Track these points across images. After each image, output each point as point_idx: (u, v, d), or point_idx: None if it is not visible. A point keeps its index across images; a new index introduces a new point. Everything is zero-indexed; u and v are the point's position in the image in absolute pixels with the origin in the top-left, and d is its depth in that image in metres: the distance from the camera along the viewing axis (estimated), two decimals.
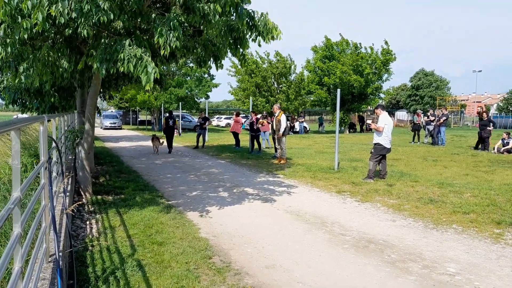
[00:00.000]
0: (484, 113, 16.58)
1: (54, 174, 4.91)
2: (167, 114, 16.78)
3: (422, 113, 21.03)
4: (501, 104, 65.13)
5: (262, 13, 6.00)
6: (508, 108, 60.87)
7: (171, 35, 4.89)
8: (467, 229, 5.53)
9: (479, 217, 6.04)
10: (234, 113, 18.10)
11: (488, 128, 15.78)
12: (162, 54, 5.04)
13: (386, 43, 29.34)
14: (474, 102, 57.38)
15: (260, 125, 15.33)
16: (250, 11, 5.92)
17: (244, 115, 25.10)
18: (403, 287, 3.81)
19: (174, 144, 16.78)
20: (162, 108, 32.30)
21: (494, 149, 15.11)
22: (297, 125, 31.25)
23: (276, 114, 12.56)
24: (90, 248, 4.69)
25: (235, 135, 17.00)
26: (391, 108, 60.15)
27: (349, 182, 8.93)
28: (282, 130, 12.31)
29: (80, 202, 6.66)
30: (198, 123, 18.40)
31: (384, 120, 9.02)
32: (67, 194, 5.32)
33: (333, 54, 29.88)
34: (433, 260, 4.47)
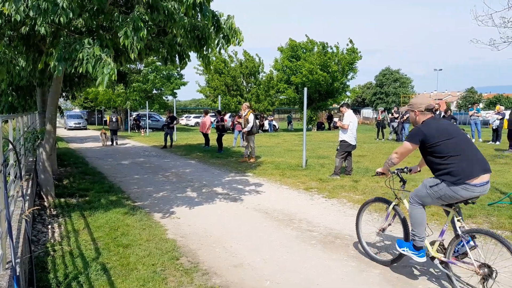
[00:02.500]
0: (448, 111, 17.33)
1: (11, 177, 4.71)
2: (112, 113, 23.73)
3: (383, 110, 21.70)
4: (460, 102, 67.90)
5: (228, 15, 5.97)
6: (466, 106, 63.56)
7: (135, 37, 4.76)
8: (429, 222, 5.69)
9: (440, 210, 6.25)
10: (203, 112, 17.90)
11: None
12: (132, 57, 4.91)
13: (350, 41, 29.92)
14: (436, 99, 59.61)
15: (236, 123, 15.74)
16: (216, 12, 5.88)
17: (212, 114, 24.93)
18: (368, 281, 3.90)
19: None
20: (128, 107, 31.63)
21: None
22: (266, 124, 31.42)
23: (244, 114, 12.58)
24: (51, 253, 4.52)
25: (205, 134, 16.88)
26: (357, 106, 61.50)
27: (317, 179, 9.06)
28: (248, 128, 12.33)
29: (38, 207, 6.40)
30: (166, 122, 18.18)
31: (349, 118, 9.21)
32: (27, 197, 5.11)
33: (299, 54, 30.24)
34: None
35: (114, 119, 19.75)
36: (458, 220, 3.59)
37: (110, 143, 19.09)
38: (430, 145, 3.55)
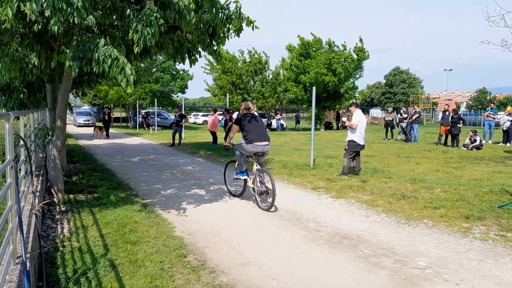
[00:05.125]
0: (456, 110, 17.17)
1: (22, 173, 4.77)
2: (105, 109, 24.27)
3: (393, 110, 21.53)
4: (470, 102, 67.20)
5: (236, 3, 5.96)
6: (477, 106, 62.92)
7: (146, 31, 4.80)
8: (438, 224, 5.69)
9: (449, 212, 6.22)
10: (212, 110, 17.93)
11: (458, 125, 16.30)
12: (135, 51, 4.94)
13: (360, 40, 29.39)
14: (446, 100, 59.13)
15: None
16: (223, 4, 5.89)
17: (220, 112, 24.97)
18: (376, 281, 3.89)
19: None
20: (137, 104, 31.80)
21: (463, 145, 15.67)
22: (274, 122, 31.38)
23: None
24: (61, 248, 4.57)
25: (212, 132, 16.91)
26: (366, 106, 61.17)
27: (324, 178, 9.04)
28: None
29: (47, 202, 6.47)
30: (174, 121, 18.25)
31: (358, 118, 9.17)
32: (37, 193, 5.16)
33: (309, 52, 30.04)
34: (405, 254, 4.58)
35: (107, 117, 24.06)
36: (256, 165, 6.75)
37: (106, 135, 22.65)
38: (240, 125, 6.83)
